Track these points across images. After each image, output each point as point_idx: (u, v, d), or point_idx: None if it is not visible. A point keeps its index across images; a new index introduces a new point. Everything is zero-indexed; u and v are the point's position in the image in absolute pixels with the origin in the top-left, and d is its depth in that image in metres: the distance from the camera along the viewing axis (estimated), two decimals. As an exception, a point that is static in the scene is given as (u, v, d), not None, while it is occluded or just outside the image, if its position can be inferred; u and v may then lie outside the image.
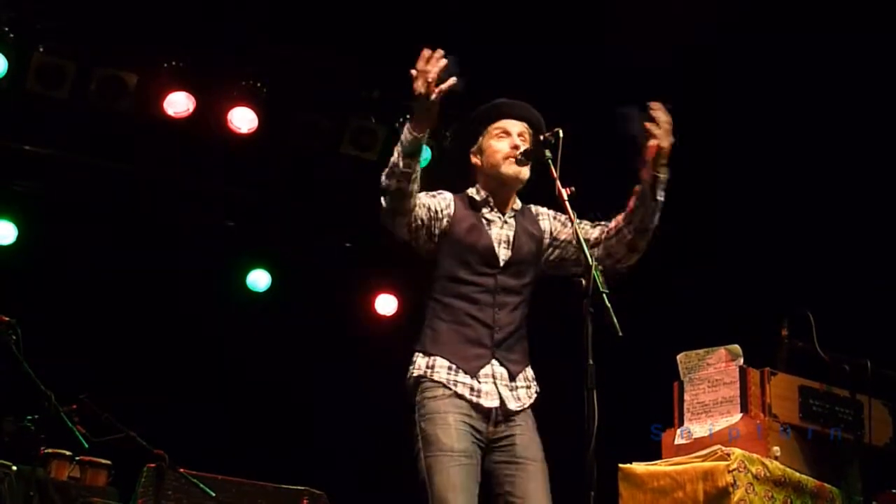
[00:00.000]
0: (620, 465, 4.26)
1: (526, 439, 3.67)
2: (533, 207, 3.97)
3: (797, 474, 4.10)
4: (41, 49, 6.53)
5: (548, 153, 3.59)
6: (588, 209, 3.70)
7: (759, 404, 4.18)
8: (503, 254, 3.78)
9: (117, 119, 6.91)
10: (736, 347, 4.31)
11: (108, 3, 6.56)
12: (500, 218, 3.84)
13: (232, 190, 7.68)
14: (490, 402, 3.65)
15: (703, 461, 4.04)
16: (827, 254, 5.90)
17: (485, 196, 3.85)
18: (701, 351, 4.39)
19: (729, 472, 3.91)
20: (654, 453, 4.33)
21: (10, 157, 7.19)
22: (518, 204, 3.92)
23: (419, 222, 3.70)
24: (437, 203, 3.77)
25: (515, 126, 3.83)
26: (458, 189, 3.92)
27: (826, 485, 4.18)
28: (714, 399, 4.28)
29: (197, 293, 7.73)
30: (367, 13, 6.52)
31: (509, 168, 3.79)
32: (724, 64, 6.16)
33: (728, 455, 3.97)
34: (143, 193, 7.50)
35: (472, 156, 3.91)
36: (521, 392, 3.74)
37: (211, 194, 7.65)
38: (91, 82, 6.69)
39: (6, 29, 6.45)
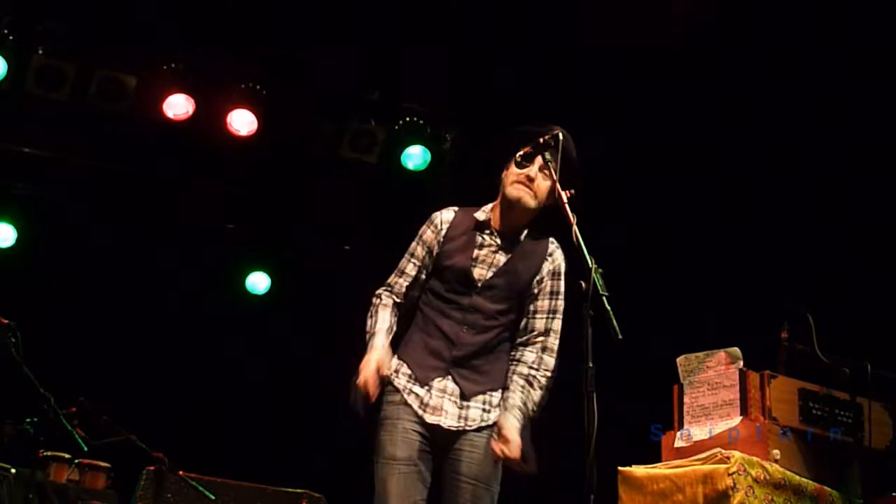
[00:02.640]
0: (620, 468, 4.25)
1: (475, 457, 3.73)
2: (551, 246, 3.91)
3: (797, 477, 4.10)
4: (41, 51, 6.52)
5: (547, 156, 3.59)
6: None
7: (759, 407, 4.18)
8: (483, 275, 3.80)
9: (117, 121, 6.90)
10: (736, 350, 4.31)
11: (108, 5, 6.56)
12: (497, 243, 3.85)
13: (231, 192, 7.68)
14: (432, 419, 3.72)
15: (702, 464, 4.04)
16: (826, 255, 5.89)
17: (488, 217, 3.88)
18: (701, 354, 4.39)
19: (729, 475, 3.91)
20: (653, 456, 4.33)
21: (9, 159, 7.19)
22: (525, 237, 3.88)
23: (422, 277, 3.89)
24: (430, 239, 3.89)
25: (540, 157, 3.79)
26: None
27: (826, 488, 4.18)
28: (714, 402, 4.27)
29: (196, 295, 7.73)
30: (366, 15, 6.52)
31: (511, 189, 3.80)
32: (725, 62, 6.16)
33: (728, 458, 3.96)
34: (142, 196, 7.50)
35: (504, 169, 3.90)
36: (473, 412, 3.77)
37: (210, 197, 7.64)
38: (91, 84, 6.68)
39: (6, 31, 6.45)
